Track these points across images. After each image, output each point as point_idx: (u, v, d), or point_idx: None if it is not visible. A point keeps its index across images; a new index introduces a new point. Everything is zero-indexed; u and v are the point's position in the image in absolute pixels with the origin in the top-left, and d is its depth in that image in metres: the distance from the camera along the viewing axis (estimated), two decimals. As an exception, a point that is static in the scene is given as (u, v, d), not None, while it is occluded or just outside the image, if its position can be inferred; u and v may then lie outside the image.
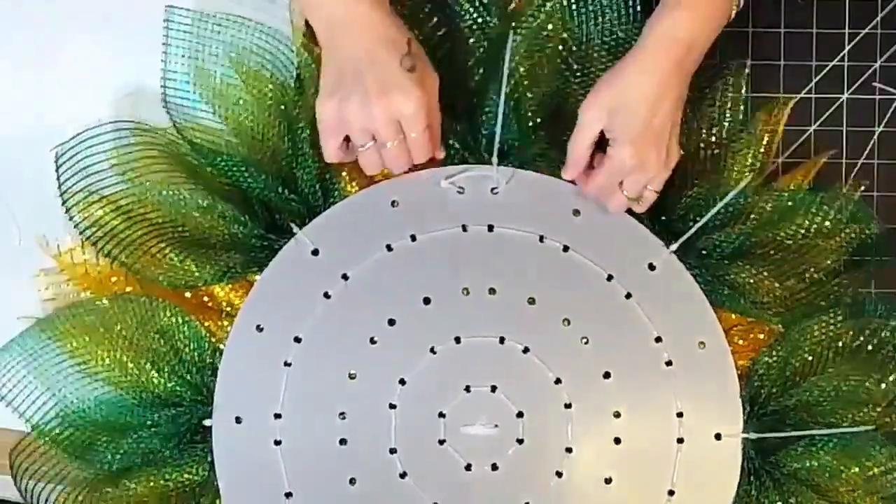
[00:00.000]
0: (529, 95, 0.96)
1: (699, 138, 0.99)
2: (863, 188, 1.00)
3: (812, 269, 0.98)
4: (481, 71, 0.98)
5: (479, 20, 0.98)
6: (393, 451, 0.95)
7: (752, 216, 0.98)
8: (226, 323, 0.97)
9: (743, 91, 0.99)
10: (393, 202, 0.97)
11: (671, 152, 0.91)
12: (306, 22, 0.98)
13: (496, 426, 0.95)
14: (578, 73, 0.98)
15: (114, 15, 1.00)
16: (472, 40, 0.98)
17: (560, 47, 0.97)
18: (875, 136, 1.03)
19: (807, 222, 0.98)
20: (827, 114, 1.03)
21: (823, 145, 1.03)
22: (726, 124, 0.99)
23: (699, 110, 0.99)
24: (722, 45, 0.98)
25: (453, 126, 0.97)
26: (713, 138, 0.99)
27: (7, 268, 0.99)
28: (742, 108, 0.99)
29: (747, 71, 0.99)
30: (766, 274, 0.97)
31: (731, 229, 0.98)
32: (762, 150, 1.00)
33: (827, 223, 0.98)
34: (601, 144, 0.91)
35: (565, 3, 0.97)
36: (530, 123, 0.97)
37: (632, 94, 0.88)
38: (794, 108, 1.02)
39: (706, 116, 0.99)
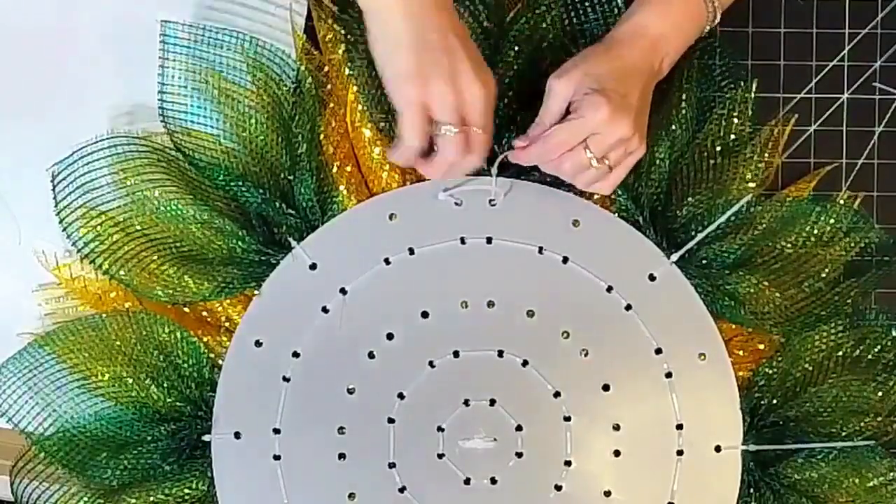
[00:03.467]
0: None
1: (702, 148, 0.99)
2: (861, 196, 1.00)
3: (812, 279, 0.98)
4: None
5: (477, 27, 0.97)
6: (392, 465, 0.95)
7: (753, 226, 0.98)
8: (224, 338, 0.97)
9: (748, 103, 0.98)
10: (391, 215, 0.97)
11: (643, 135, 0.89)
12: (306, 28, 0.98)
13: (495, 440, 0.95)
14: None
15: (111, 28, 0.99)
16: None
17: (561, 54, 0.96)
18: (875, 136, 1.03)
19: (806, 232, 0.97)
20: (827, 114, 1.02)
21: (823, 146, 1.02)
22: (732, 136, 0.99)
23: (702, 120, 0.99)
24: (722, 46, 0.99)
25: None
26: (717, 148, 0.99)
27: (4, 276, 0.99)
28: (746, 118, 0.98)
29: (754, 85, 0.99)
30: (766, 284, 0.97)
31: (732, 239, 0.97)
32: (763, 161, 0.99)
33: (827, 232, 0.97)
34: None
35: (564, 8, 0.97)
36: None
37: (601, 69, 0.87)
38: (794, 109, 1.01)
39: (709, 126, 0.99)
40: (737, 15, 0.99)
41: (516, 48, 0.96)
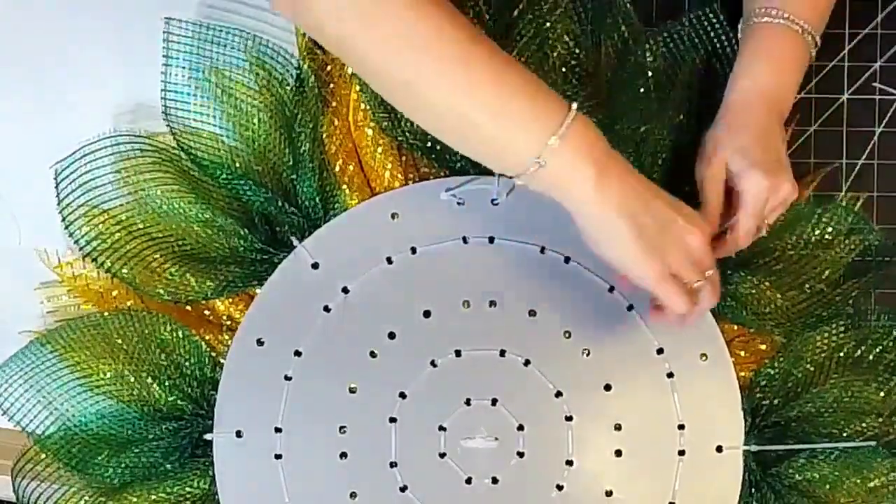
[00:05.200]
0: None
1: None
2: (862, 199, 1.00)
3: (813, 280, 0.98)
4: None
5: (481, 27, 0.97)
6: (393, 464, 0.95)
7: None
8: (226, 337, 0.97)
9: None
10: (393, 214, 0.97)
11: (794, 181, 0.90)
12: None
13: (497, 439, 0.95)
14: (583, 79, 0.97)
15: (114, 27, 0.99)
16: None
17: (564, 52, 0.96)
18: (875, 137, 1.02)
19: (807, 234, 0.97)
20: (827, 114, 1.02)
21: (823, 146, 1.02)
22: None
23: (705, 117, 0.99)
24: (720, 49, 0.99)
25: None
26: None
27: (6, 274, 0.99)
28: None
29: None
30: (767, 284, 0.97)
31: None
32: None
33: (827, 234, 0.97)
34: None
35: (568, 6, 0.96)
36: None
37: (743, 142, 0.88)
38: (794, 109, 1.01)
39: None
40: (738, 15, 0.99)
41: (520, 48, 0.96)
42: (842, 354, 0.98)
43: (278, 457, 0.95)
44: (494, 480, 0.95)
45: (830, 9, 0.93)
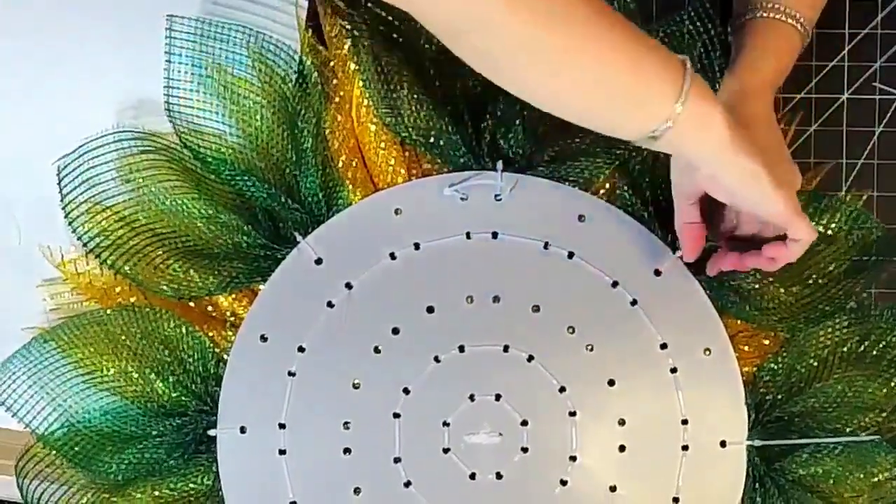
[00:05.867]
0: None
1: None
2: (865, 197, 1.00)
3: (816, 275, 0.98)
4: (485, 78, 0.97)
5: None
6: (397, 460, 0.95)
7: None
8: (230, 333, 0.97)
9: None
10: (396, 210, 0.97)
11: None
12: (311, 26, 0.98)
13: (500, 435, 0.95)
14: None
15: (117, 23, 0.99)
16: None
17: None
18: (875, 136, 1.02)
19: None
20: (827, 114, 1.02)
21: (823, 146, 1.02)
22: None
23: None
24: (723, 44, 0.99)
25: (457, 132, 0.97)
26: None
27: (9, 271, 0.99)
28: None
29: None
30: (770, 280, 0.97)
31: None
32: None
33: (830, 230, 0.97)
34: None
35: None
36: (538, 129, 0.97)
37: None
38: (794, 109, 1.01)
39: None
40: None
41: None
42: (845, 350, 0.98)
43: (282, 452, 0.95)
44: (498, 476, 0.95)
45: (824, 2, 0.93)
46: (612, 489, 0.95)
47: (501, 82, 0.78)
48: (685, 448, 0.95)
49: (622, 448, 0.95)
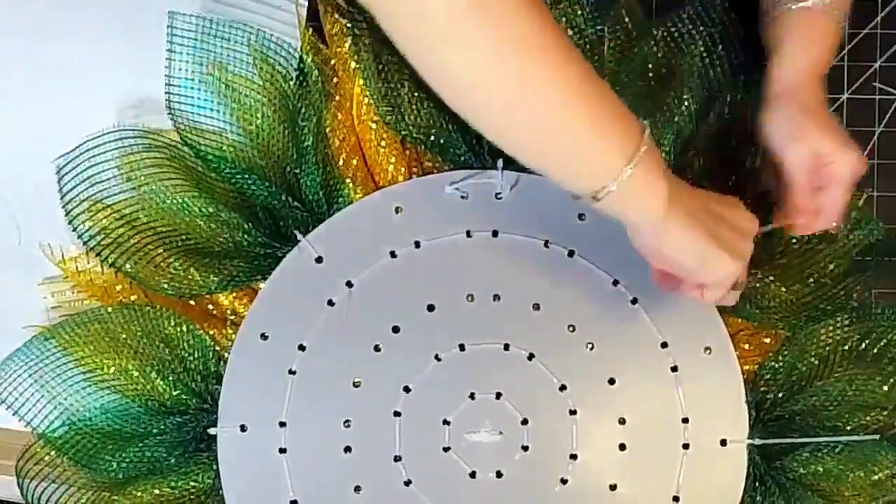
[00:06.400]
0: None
1: (707, 142, 0.99)
2: (865, 195, 1.00)
3: (817, 274, 0.98)
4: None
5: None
6: (398, 458, 0.95)
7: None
8: (230, 331, 0.97)
9: (752, 97, 0.98)
10: (397, 209, 0.97)
11: None
12: (311, 25, 0.98)
13: (501, 433, 0.95)
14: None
15: (118, 21, 0.99)
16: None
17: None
18: (875, 136, 1.02)
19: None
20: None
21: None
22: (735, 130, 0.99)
23: (709, 113, 0.99)
24: (721, 46, 0.99)
25: (458, 131, 0.97)
26: (721, 143, 0.99)
27: (9, 270, 0.99)
28: (751, 114, 0.98)
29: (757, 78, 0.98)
30: (771, 279, 0.97)
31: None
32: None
33: (831, 228, 0.97)
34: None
35: (573, 0, 0.97)
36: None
37: (819, 122, 0.88)
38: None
39: (714, 119, 0.99)
40: (736, 15, 0.99)
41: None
42: (846, 348, 0.98)
43: (282, 451, 0.95)
44: (499, 474, 0.95)
45: None
46: (613, 488, 0.95)
47: (452, 105, 0.75)
48: (686, 446, 0.95)
49: (622, 446, 0.95)
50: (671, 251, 0.81)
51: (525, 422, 0.95)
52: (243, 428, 0.95)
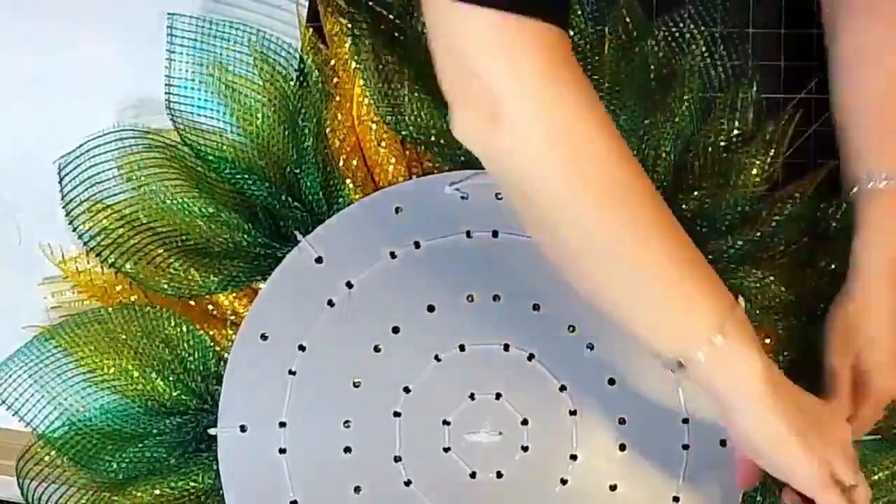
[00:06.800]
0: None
1: (706, 143, 0.99)
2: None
3: (818, 274, 0.97)
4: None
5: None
6: (398, 458, 0.95)
7: (758, 222, 0.98)
8: (230, 331, 0.97)
9: (750, 102, 0.98)
10: (396, 209, 0.97)
11: None
12: (311, 25, 0.98)
13: (501, 433, 0.95)
14: (587, 73, 0.97)
15: (117, 22, 0.99)
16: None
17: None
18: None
19: (811, 228, 0.97)
20: (827, 114, 1.01)
21: (823, 146, 1.01)
22: (736, 132, 0.99)
23: (705, 118, 0.99)
24: (721, 46, 0.99)
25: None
26: (721, 144, 0.99)
27: (9, 270, 0.99)
28: (749, 117, 0.98)
29: (755, 85, 0.99)
30: (772, 279, 0.97)
31: (737, 235, 0.97)
32: (769, 157, 0.99)
33: (831, 229, 0.97)
34: None
35: (573, 0, 0.96)
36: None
37: (874, 329, 0.89)
38: (794, 109, 1.01)
39: (713, 123, 0.99)
40: (736, 15, 0.99)
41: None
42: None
43: (282, 451, 0.95)
44: (499, 474, 0.95)
45: None
46: (613, 488, 0.95)
47: (546, 252, 0.77)
48: (686, 447, 0.95)
49: (623, 447, 0.95)
50: (759, 442, 0.78)
51: (525, 422, 0.95)
52: (243, 428, 0.95)
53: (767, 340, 0.98)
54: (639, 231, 0.73)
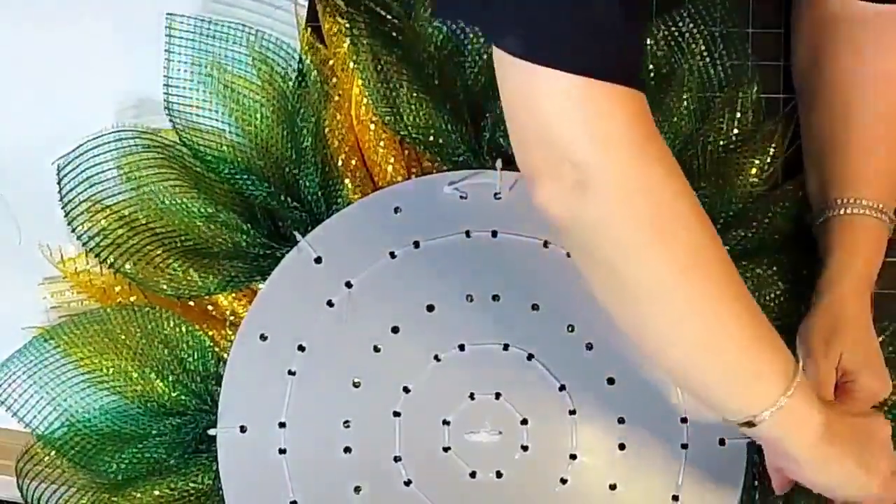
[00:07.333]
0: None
1: (706, 141, 0.99)
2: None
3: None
4: (487, 74, 0.98)
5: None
6: (398, 458, 0.95)
7: (756, 220, 0.98)
8: (229, 332, 0.97)
9: (750, 101, 0.98)
10: (396, 209, 0.97)
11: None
12: (310, 25, 0.98)
13: (500, 433, 0.95)
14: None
15: (117, 22, 0.99)
16: (476, 44, 0.98)
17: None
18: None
19: (809, 225, 0.97)
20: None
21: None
22: (735, 131, 0.99)
23: (704, 117, 0.99)
24: (721, 46, 0.99)
25: (457, 131, 0.97)
26: (721, 143, 0.99)
27: (9, 270, 0.99)
28: (749, 115, 0.98)
29: (755, 85, 0.99)
30: (769, 275, 0.97)
31: (737, 232, 0.97)
32: (769, 156, 0.99)
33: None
34: None
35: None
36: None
37: (852, 336, 0.90)
38: (794, 108, 1.01)
39: (713, 122, 0.99)
40: (736, 15, 0.99)
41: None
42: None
43: (282, 451, 0.95)
44: (499, 474, 0.95)
45: None
46: (612, 487, 0.95)
47: (622, 320, 0.77)
48: (685, 446, 0.95)
49: (622, 446, 0.95)
50: (817, 477, 0.82)
51: (525, 422, 0.95)
52: (243, 429, 0.95)
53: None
54: (715, 298, 0.74)
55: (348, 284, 0.96)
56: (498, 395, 0.95)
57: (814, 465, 0.81)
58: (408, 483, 0.95)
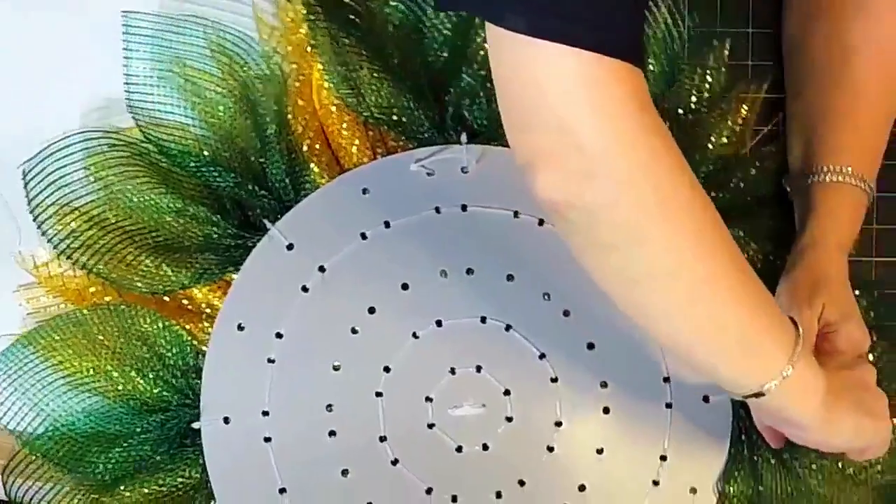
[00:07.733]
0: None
1: (673, 105, 0.99)
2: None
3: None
4: (447, 50, 0.98)
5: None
6: (383, 438, 0.95)
7: (730, 182, 0.99)
8: (206, 324, 0.97)
9: (720, 67, 0.99)
10: (364, 190, 0.96)
11: None
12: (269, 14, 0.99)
13: (484, 406, 0.95)
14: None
15: (83, 23, 0.99)
16: (435, 20, 0.98)
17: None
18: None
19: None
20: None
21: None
22: (705, 94, 0.99)
23: (672, 80, 0.99)
24: (690, 13, 0.99)
25: (420, 108, 0.97)
26: (691, 103, 0.99)
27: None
28: (718, 80, 0.98)
29: (727, 44, 0.99)
30: (742, 236, 0.97)
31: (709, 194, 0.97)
32: (740, 119, 0.99)
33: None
34: None
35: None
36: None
37: (832, 292, 0.91)
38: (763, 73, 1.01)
39: (681, 86, 0.99)
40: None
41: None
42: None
43: (267, 440, 0.95)
44: (485, 447, 0.95)
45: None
46: (600, 452, 0.95)
47: (626, 303, 0.76)
48: (669, 406, 0.95)
49: (606, 410, 0.95)
50: (829, 439, 0.83)
51: (507, 393, 0.95)
52: (226, 420, 0.95)
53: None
54: (720, 275, 0.73)
55: (321, 269, 0.96)
56: (479, 369, 0.95)
57: (821, 426, 0.81)
58: (395, 462, 0.95)
